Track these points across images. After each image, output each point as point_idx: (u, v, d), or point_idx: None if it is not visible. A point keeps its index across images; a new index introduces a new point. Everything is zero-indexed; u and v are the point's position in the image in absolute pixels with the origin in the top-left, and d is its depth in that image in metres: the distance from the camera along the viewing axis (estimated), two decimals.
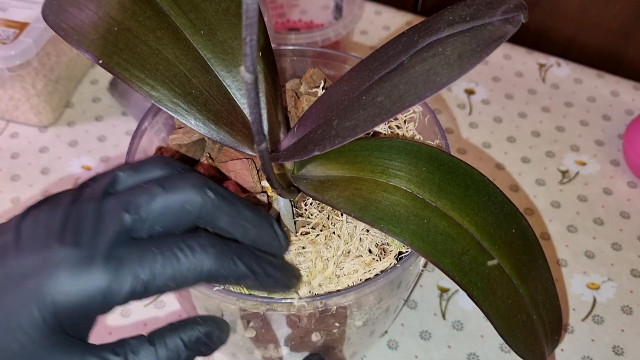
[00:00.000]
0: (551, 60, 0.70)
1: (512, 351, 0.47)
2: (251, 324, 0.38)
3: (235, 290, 0.33)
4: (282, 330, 0.38)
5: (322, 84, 0.45)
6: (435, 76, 0.28)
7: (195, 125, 0.34)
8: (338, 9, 0.69)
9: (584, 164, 0.60)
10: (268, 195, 0.39)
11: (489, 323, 0.48)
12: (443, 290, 0.51)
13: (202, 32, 0.35)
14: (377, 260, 0.35)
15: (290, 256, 0.35)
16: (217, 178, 0.40)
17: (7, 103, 0.60)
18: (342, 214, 0.36)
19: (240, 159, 0.40)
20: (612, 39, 0.71)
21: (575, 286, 0.51)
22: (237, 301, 0.34)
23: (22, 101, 0.60)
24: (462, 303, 0.50)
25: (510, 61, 0.69)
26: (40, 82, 0.59)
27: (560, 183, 0.58)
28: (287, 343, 0.39)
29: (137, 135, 0.40)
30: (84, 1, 0.33)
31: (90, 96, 0.66)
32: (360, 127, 0.29)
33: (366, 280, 0.34)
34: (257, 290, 0.32)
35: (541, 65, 0.69)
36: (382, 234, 0.36)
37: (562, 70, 0.69)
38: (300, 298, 0.33)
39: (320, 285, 0.34)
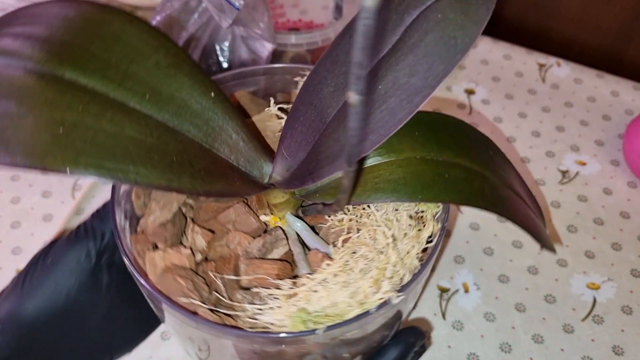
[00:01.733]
0: (551, 60, 0.70)
1: (512, 351, 0.47)
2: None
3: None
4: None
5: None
6: (453, 40, 0.28)
7: (193, 191, 0.31)
8: (338, 9, 0.69)
9: (584, 164, 0.60)
10: (281, 229, 0.38)
11: (489, 323, 0.48)
12: (443, 290, 0.51)
13: (147, 96, 0.32)
14: (420, 230, 0.37)
15: (350, 264, 0.34)
16: (214, 238, 0.38)
17: None
18: (367, 206, 0.37)
19: (230, 206, 0.37)
20: (612, 39, 0.71)
21: (575, 286, 0.51)
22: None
23: None
24: (462, 303, 0.50)
25: (510, 61, 0.69)
26: None
27: (560, 183, 0.58)
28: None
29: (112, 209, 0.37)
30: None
31: None
32: (397, 116, 0.29)
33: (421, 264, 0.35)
34: None
35: (541, 65, 0.69)
36: (412, 204, 0.38)
37: (562, 70, 0.69)
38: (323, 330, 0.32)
39: (391, 276, 0.34)
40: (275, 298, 0.33)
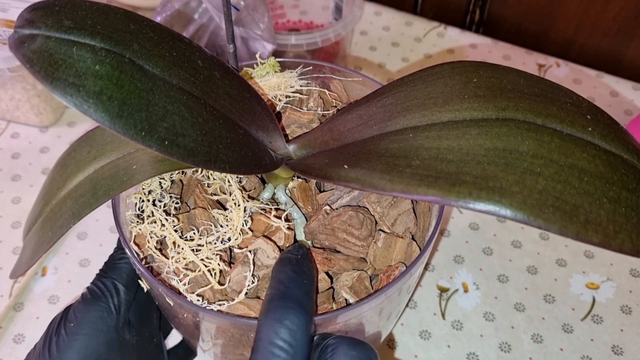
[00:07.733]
0: (550, 60, 0.70)
1: (511, 351, 0.47)
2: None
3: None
4: None
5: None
6: None
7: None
8: (338, 10, 0.69)
9: None
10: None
11: (488, 323, 0.48)
12: (442, 290, 0.51)
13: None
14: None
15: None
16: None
17: (7, 103, 0.61)
18: None
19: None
20: (611, 40, 0.71)
21: (575, 286, 0.51)
22: None
23: (22, 101, 0.60)
24: (462, 303, 0.50)
25: (510, 61, 0.70)
26: None
27: None
28: None
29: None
30: None
31: None
32: None
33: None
34: None
35: (540, 66, 0.69)
36: None
37: (562, 70, 0.69)
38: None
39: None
40: None
